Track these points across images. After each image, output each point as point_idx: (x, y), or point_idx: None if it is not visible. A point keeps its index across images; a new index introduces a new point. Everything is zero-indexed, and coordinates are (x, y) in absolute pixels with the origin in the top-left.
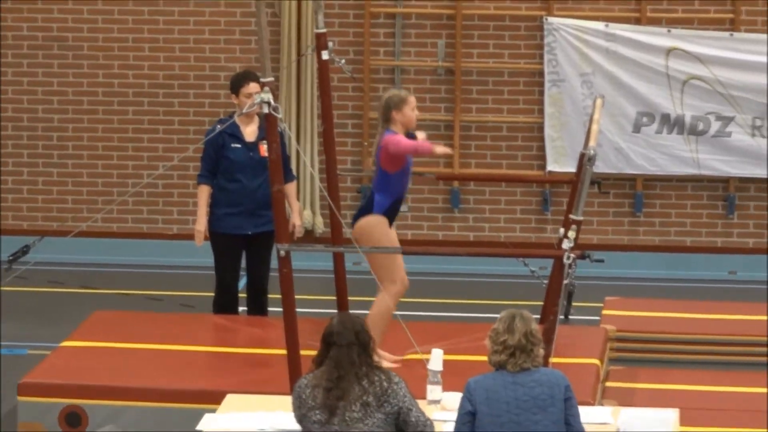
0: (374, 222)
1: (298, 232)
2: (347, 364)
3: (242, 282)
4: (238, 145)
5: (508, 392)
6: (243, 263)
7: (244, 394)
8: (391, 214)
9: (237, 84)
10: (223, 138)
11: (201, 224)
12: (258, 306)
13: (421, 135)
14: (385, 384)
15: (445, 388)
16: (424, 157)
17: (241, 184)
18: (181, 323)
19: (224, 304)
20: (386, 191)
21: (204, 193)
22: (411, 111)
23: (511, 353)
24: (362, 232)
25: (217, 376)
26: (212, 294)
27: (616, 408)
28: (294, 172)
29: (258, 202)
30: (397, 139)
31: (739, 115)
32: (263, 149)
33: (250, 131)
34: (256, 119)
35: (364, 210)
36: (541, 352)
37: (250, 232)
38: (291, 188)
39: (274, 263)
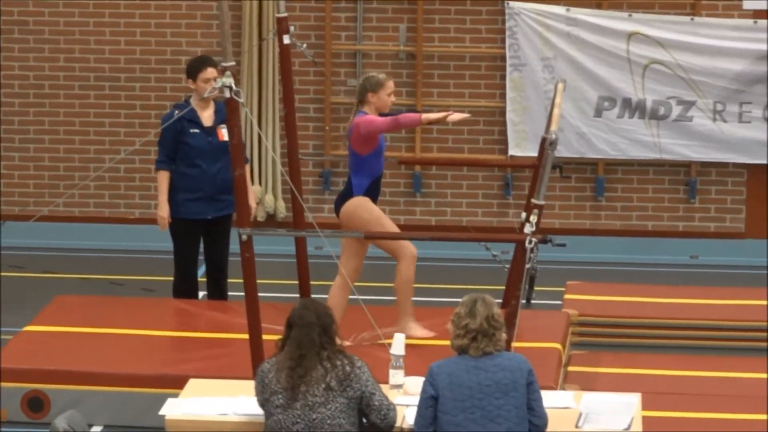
0: (356, 204)
1: (251, 215)
2: (308, 344)
3: (202, 267)
4: (197, 131)
5: (470, 377)
6: (201, 248)
7: (207, 379)
8: (372, 193)
9: (195, 69)
10: (182, 124)
11: (164, 210)
12: (218, 290)
13: (460, 116)
14: (347, 368)
15: (408, 373)
16: (413, 128)
17: (201, 169)
18: (143, 308)
19: (185, 289)
20: (362, 172)
21: (164, 178)
22: (387, 95)
23: (473, 337)
24: (348, 217)
25: (179, 360)
26: (173, 279)
27: (578, 392)
28: (256, 156)
29: (218, 187)
30: (369, 119)
31: (701, 99)
32: (222, 134)
33: (207, 116)
34: (213, 104)
35: (345, 195)
36: (504, 336)
37: (210, 217)
38: (246, 171)
39: (233, 247)
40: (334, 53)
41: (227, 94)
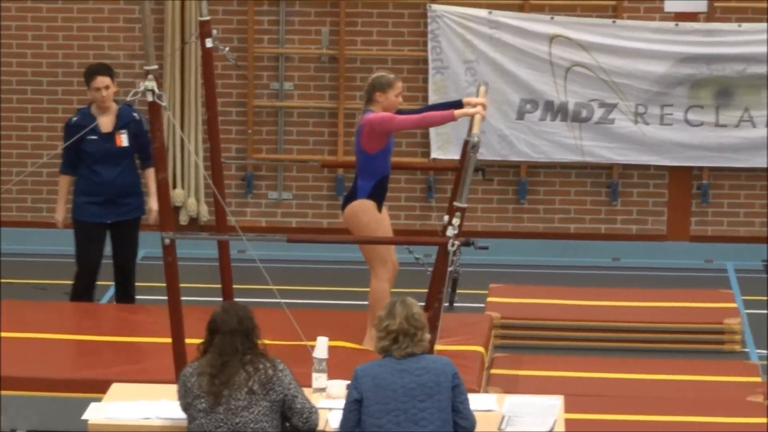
0: (359, 208)
1: (154, 218)
2: (231, 351)
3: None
4: (95, 137)
5: (395, 379)
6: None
7: (130, 383)
8: (376, 196)
9: (88, 78)
10: (79, 129)
11: (59, 213)
12: (125, 293)
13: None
14: (270, 371)
15: (331, 376)
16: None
17: (99, 174)
18: (65, 312)
19: (81, 291)
20: (367, 173)
21: (64, 182)
22: (395, 96)
23: (394, 338)
24: (349, 219)
25: (102, 365)
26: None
27: (501, 395)
28: (179, 160)
29: (118, 192)
30: (387, 115)
31: (622, 102)
32: (120, 139)
33: (105, 122)
34: (112, 110)
35: (350, 197)
36: (427, 336)
37: (110, 221)
38: (149, 174)
39: (156, 251)
40: (257, 56)
41: (150, 98)
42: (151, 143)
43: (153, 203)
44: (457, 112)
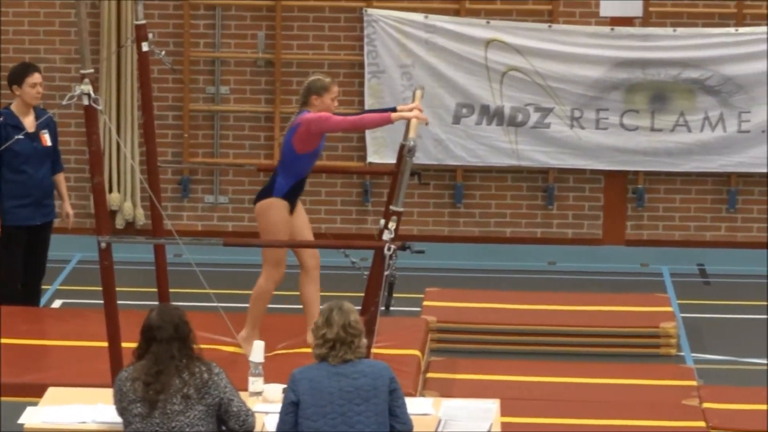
0: (270, 205)
1: (71, 222)
2: (167, 359)
3: None
4: (22, 137)
5: (331, 383)
6: None
7: (66, 387)
8: (291, 197)
9: (22, 74)
10: (6, 131)
11: None
12: (35, 297)
13: (424, 117)
14: (205, 375)
15: (267, 380)
16: (379, 127)
17: (28, 174)
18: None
19: (7, 296)
20: (289, 172)
21: None
22: (331, 100)
23: (331, 346)
24: (260, 214)
25: (38, 369)
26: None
27: (437, 399)
28: (114, 164)
29: (44, 192)
30: (325, 115)
31: (558, 106)
32: (44, 139)
33: (29, 122)
34: (32, 111)
35: (265, 192)
36: (364, 342)
37: (39, 223)
38: (61, 179)
39: (93, 255)
40: (193, 60)
41: (86, 102)
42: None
43: (68, 208)
44: (393, 114)
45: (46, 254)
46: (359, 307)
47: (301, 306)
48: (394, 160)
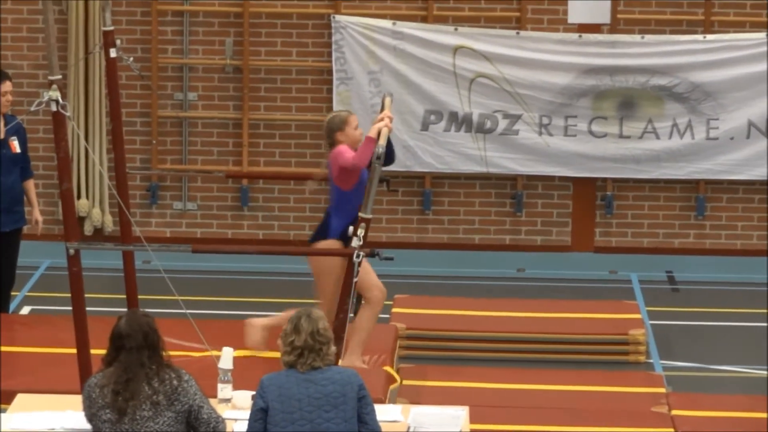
0: (326, 245)
1: (41, 229)
2: (137, 367)
3: None
4: None
5: (300, 389)
6: None
7: (35, 394)
8: (346, 237)
9: None
10: None
11: None
12: (4, 302)
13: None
14: (175, 382)
15: (237, 387)
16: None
17: None
18: None
19: None
20: (342, 211)
21: None
22: (354, 130)
23: (299, 353)
24: (317, 258)
25: (6, 375)
26: None
27: (406, 406)
28: (83, 170)
29: (12, 198)
30: (339, 150)
31: (527, 113)
32: (13, 146)
33: None
34: (1, 117)
35: (320, 234)
36: (333, 349)
37: (8, 230)
38: (30, 185)
39: (61, 261)
40: (161, 67)
41: (54, 108)
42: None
43: (38, 214)
44: (371, 133)
45: (16, 261)
46: None
47: (272, 313)
48: None
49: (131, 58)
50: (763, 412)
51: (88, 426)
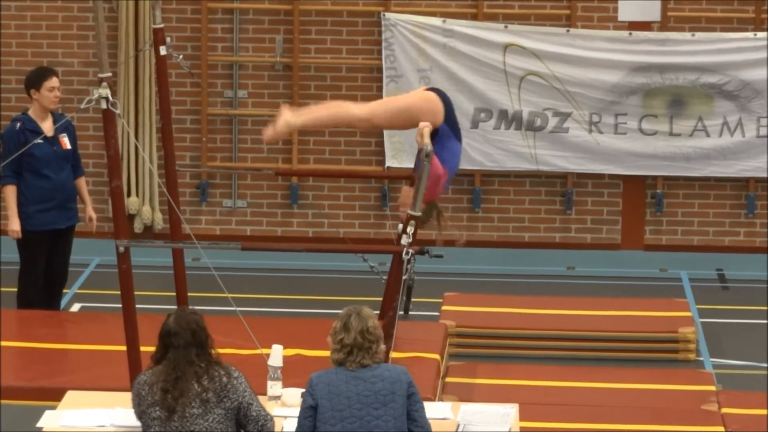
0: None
1: (95, 226)
2: (185, 365)
3: None
4: (41, 141)
5: (349, 387)
6: None
7: (85, 391)
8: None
9: (40, 78)
10: (25, 135)
11: (15, 224)
12: (56, 300)
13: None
14: (224, 379)
15: (287, 384)
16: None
17: (50, 179)
18: (15, 320)
19: (30, 299)
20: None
21: (12, 193)
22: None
23: (348, 351)
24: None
25: (56, 372)
26: (18, 290)
27: (456, 403)
28: (133, 168)
29: (66, 195)
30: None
31: (576, 111)
32: (64, 142)
33: (47, 126)
34: (50, 115)
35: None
36: (382, 348)
37: (63, 226)
38: (82, 182)
39: (112, 258)
40: (211, 64)
41: (104, 105)
42: (106, 151)
43: (91, 211)
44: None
45: (69, 258)
46: (377, 312)
47: (321, 311)
48: (411, 165)
49: (181, 56)
50: None
51: (137, 423)
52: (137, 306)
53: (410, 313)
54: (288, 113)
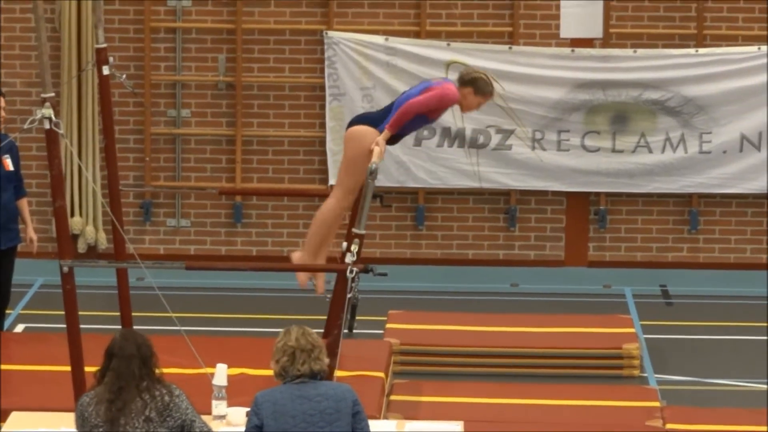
0: (366, 133)
1: (36, 247)
2: (128, 376)
3: None
4: None
5: (294, 406)
6: None
7: (30, 412)
8: (390, 141)
9: None
10: None
11: None
12: None
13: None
14: (166, 398)
15: (232, 404)
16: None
17: None
18: None
19: None
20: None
21: None
22: (477, 104)
23: (291, 354)
24: (352, 139)
25: (2, 393)
26: None
27: (401, 421)
28: (76, 188)
29: (7, 216)
30: (450, 87)
31: (519, 128)
32: (6, 164)
33: None
34: None
35: (371, 120)
36: (324, 356)
37: (3, 248)
38: (24, 203)
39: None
40: (154, 84)
41: (47, 126)
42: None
43: (32, 233)
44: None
45: (11, 279)
46: (321, 330)
47: (266, 330)
48: None
49: (124, 75)
50: (762, 426)
51: None
52: (81, 326)
53: (354, 331)
54: (297, 255)
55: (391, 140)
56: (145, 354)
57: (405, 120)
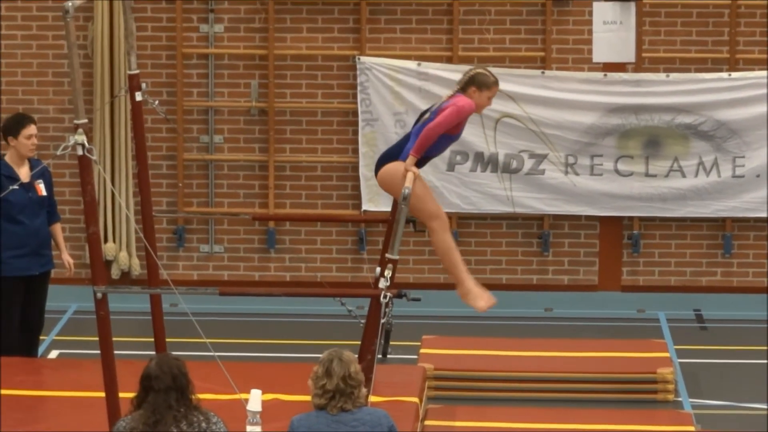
0: (398, 168)
1: (72, 272)
2: (164, 409)
3: None
4: (17, 187)
5: (330, 431)
6: None
7: None
8: (419, 165)
9: (17, 125)
10: (1, 181)
11: None
12: (33, 347)
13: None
14: (203, 425)
15: (266, 429)
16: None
17: (24, 225)
18: None
19: (8, 347)
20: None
21: None
22: (487, 98)
23: (330, 397)
24: (389, 176)
25: (35, 420)
26: None
27: None
28: (110, 214)
29: (41, 242)
30: (462, 106)
31: (552, 152)
32: (40, 189)
33: (24, 173)
34: (27, 161)
35: (392, 155)
36: (364, 392)
37: (36, 273)
38: (57, 229)
39: (89, 305)
40: (186, 110)
41: (80, 152)
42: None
43: (67, 256)
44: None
45: (44, 305)
46: (356, 355)
47: (299, 355)
48: (389, 208)
49: (157, 102)
50: None
51: None
52: (115, 352)
53: (388, 356)
54: (469, 290)
55: (419, 164)
56: (181, 384)
57: (428, 144)
